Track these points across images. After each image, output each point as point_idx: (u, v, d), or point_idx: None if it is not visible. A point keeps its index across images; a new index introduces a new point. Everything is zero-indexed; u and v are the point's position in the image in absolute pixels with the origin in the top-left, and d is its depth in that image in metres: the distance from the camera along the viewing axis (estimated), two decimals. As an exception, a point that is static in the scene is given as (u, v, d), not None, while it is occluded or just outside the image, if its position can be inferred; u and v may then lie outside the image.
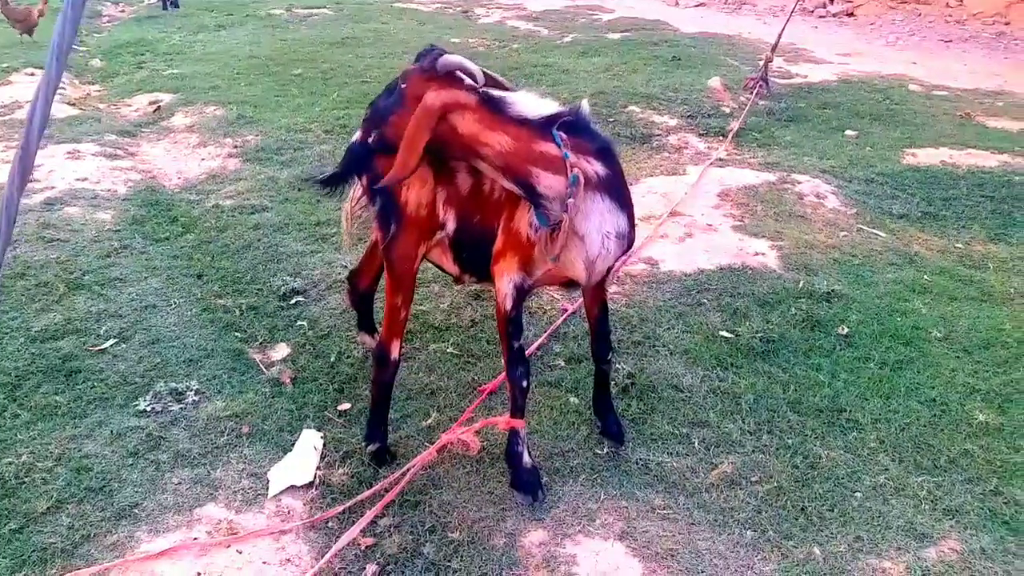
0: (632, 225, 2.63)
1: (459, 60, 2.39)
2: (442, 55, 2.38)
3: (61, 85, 7.54)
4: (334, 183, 2.92)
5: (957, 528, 2.65)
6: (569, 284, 2.76)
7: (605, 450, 2.97)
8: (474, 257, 2.78)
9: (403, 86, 2.43)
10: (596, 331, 2.96)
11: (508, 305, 2.62)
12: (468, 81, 2.40)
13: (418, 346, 3.60)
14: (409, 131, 2.33)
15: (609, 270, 2.76)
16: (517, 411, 2.74)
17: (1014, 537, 2.61)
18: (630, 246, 2.73)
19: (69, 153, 5.60)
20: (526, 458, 2.76)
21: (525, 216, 2.53)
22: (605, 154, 2.51)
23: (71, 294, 3.86)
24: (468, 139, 2.39)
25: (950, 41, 10.44)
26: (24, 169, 1.08)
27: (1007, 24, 10.78)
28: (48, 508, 2.62)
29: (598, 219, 2.50)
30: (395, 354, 2.88)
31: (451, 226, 2.75)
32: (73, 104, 7.00)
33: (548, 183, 2.39)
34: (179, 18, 10.96)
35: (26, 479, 2.73)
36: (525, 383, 2.71)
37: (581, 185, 2.39)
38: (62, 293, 3.85)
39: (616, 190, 2.54)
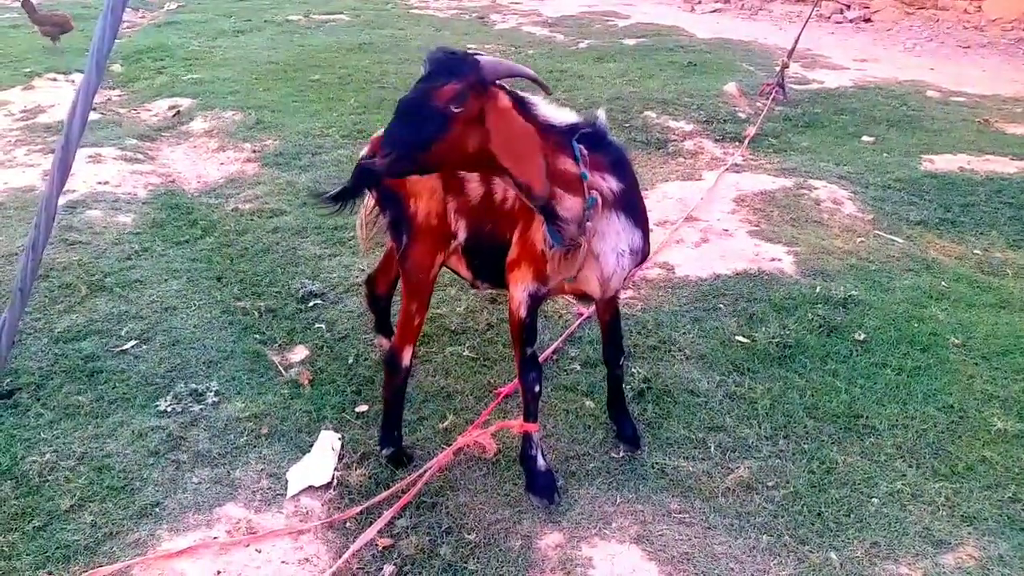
0: (647, 239, 2.62)
1: (507, 66, 2.22)
2: (477, 60, 2.17)
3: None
4: (344, 199, 2.81)
5: (975, 535, 2.64)
6: (583, 296, 2.75)
7: (621, 454, 2.98)
8: (487, 264, 2.79)
9: (456, 110, 2.12)
10: (608, 337, 2.97)
11: (522, 313, 2.62)
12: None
13: (435, 349, 3.62)
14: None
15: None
16: (530, 416, 2.75)
17: (1033, 544, 2.60)
18: (644, 259, 2.72)
19: (91, 157, 5.67)
20: (540, 461, 2.77)
21: (540, 228, 2.51)
22: (620, 167, 2.48)
23: (93, 296, 3.91)
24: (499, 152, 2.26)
25: (968, 47, 10.38)
26: (63, 169, 1.11)
27: (1026, 30, 10.72)
28: (71, 506, 2.66)
29: (614, 239, 2.49)
30: (407, 361, 2.88)
31: (462, 235, 2.76)
32: (95, 109, 7.06)
33: (567, 205, 2.34)
34: (198, 24, 11.06)
35: (49, 477, 2.78)
36: (537, 388, 2.72)
37: (599, 208, 2.38)
38: (84, 295, 3.90)
39: (631, 205, 2.52)
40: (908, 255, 4.52)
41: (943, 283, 4.21)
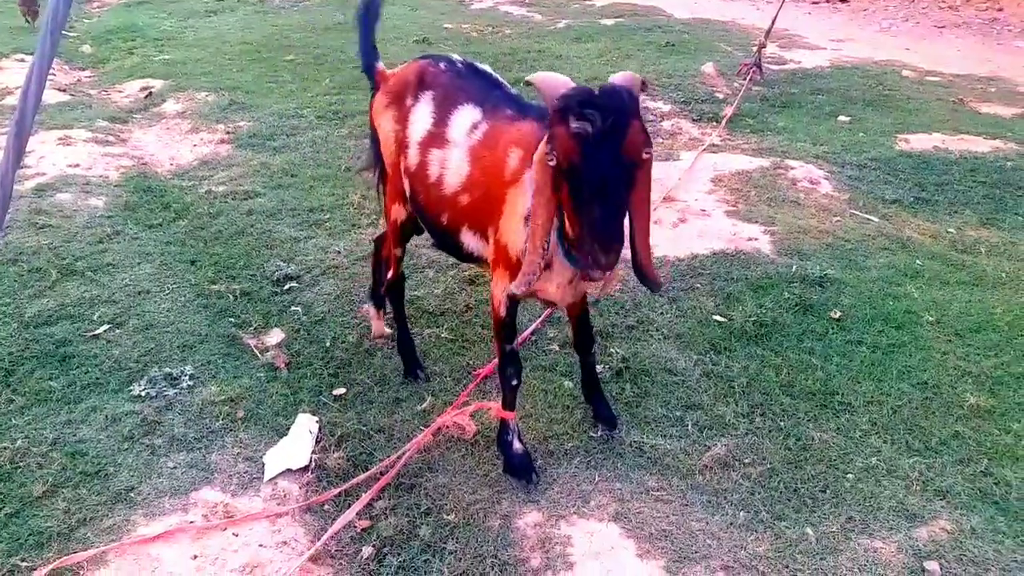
0: None
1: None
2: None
3: (52, 71, 7.47)
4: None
5: (948, 508, 2.67)
6: (546, 302, 2.73)
7: (599, 433, 2.98)
8: (429, 230, 2.90)
9: (647, 156, 2.00)
10: (578, 328, 2.95)
11: (502, 312, 2.62)
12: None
13: (413, 331, 3.59)
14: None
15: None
16: (507, 405, 2.76)
17: (1004, 517, 2.63)
18: None
19: (60, 139, 5.57)
20: (516, 444, 2.77)
21: (512, 231, 2.43)
22: None
23: (64, 280, 3.84)
24: None
25: (943, 27, 10.43)
26: (19, 144, 1.08)
27: (1000, 10, 10.78)
28: (44, 492, 2.62)
29: None
30: (390, 271, 3.23)
31: (407, 191, 2.86)
32: (64, 90, 6.94)
33: None
34: (169, 3, 10.87)
35: (21, 464, 2.74)
36: (515, 382, 2.73)
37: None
38: (55, 279, 3.83)
39: None
40: (883, 234, 4.55)
41: (918, 261, 4.25)
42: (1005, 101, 7.08)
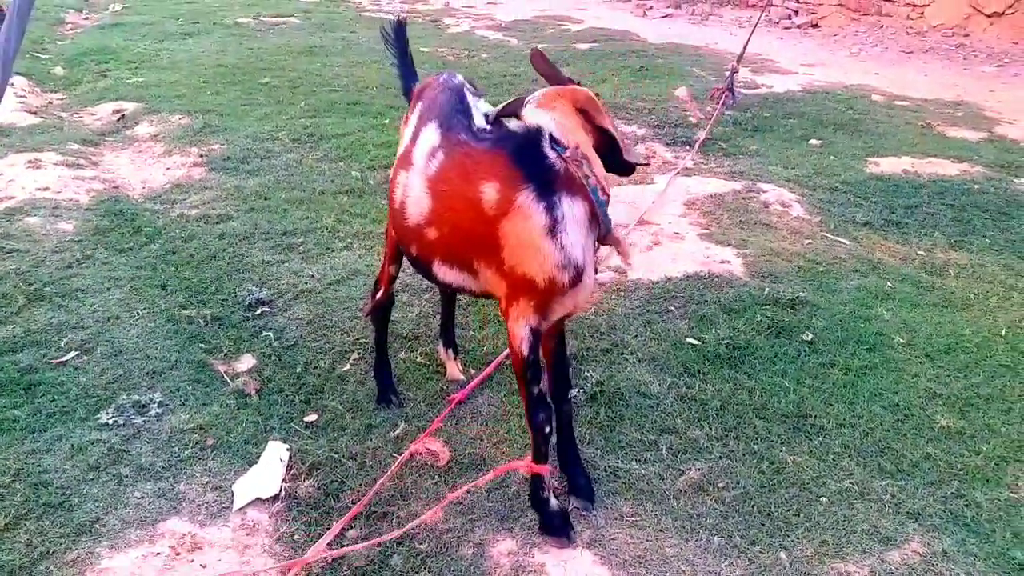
0: None
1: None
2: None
3: (22, 93, 7.41)
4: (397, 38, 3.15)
5: (920, 531, 2.68)
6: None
7: (571, 507, 2.75)
8: (401, 248, 2.89)
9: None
10: (555, 366, 2.72)
11: (525, 351, 2.42)
12: None
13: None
14: None
15: None
16: (540, 456, 2.56)
17: (975, 539, 2.65)
18: None
19: (30, 162, 5.50)
20: (553, 502, 2.61)
21: (532, 256, 2.33)
22: None
23: (31, 306, 3.78)
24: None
25: (911, 52, 10.64)
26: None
27: (966, 36, 11.01)
28: (5, 525, 2.56)
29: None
30: (378, 295, 3.18)
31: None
32: (34, 112, 6.87)
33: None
34: (143, 26, 10.83)
35: (-18, 496, 2.67)
36: (548, 429, 2.54)
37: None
38: (21, 305, 3.77)
39: None
40: (854, 256, 4.60)
41: (888, 283, 4.29)
42: (972, 125, 7.21)
